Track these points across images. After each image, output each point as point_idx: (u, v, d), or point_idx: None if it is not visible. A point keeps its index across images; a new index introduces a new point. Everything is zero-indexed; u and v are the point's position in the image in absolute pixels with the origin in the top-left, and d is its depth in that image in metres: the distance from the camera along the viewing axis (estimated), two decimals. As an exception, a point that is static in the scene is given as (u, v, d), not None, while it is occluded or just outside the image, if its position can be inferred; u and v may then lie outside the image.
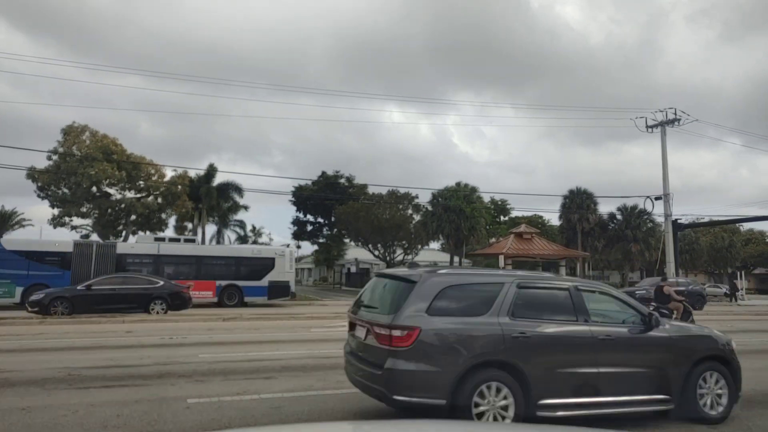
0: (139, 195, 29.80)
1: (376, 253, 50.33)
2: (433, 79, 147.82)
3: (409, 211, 48.23)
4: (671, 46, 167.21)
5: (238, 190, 41.89)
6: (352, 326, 6.28)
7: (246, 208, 50.59)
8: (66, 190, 27.52)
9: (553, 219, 62.40)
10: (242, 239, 66.63)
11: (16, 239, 27.10)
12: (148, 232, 34.00)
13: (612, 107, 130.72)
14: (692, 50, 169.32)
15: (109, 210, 28.22)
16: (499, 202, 66.06)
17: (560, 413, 5.44)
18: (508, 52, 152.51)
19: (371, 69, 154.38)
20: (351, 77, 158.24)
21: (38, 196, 27.80)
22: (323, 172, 56.79)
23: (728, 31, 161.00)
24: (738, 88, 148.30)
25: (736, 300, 42.56)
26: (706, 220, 49.88)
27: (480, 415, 5.17)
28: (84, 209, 27.90)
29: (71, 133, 27.49)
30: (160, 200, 30.32)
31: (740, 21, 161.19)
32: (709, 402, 6.23)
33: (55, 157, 27.39)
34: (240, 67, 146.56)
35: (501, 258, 40.47)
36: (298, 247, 72.82)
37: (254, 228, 68.23)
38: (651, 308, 9.52)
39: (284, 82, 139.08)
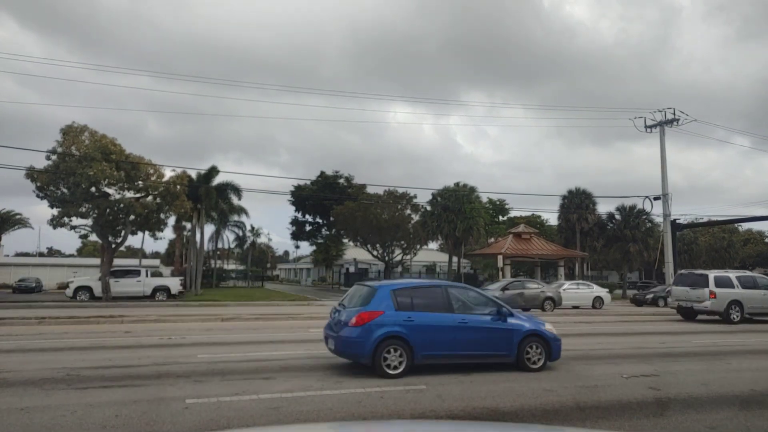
0: (137, 195, 29.72)
1: (375, 253, 50.33)
2: (445, 79, 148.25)
3: (408, 211, 48.24)
4: (685, 43, 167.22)
5: (237, 190, 41.84)
6: None
7: (246, 212, 50.60)
8: (65, 190, 27.45)
9: (552, 219, 62.48)
10: (241, 240, 66.68)
11: None
12: (147, 233, 33.99)
13: (622, 106, 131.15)
14: (708, 47, 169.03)
15: (108, 210, 28.14)
16: (498, 202, 66.11)
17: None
18: (520, 52, 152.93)
19: (385, 68, 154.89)
20: (364, 76, 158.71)
21: (37, 196, 27.70)
22: (322, 172, 56.86)
23: (747, 27, 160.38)
24: (753, 87, 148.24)
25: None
26: (705, 220, 49.97)
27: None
28: (83, 209, 27.82)
29: (70, 133, 27.43)
30: (158, 200, 30.22)
31: (762, 16, 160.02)
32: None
33: (54, 157, 27.35)
34: (253, 66, 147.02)
35: (499, 258, 40.51)
36: (297, 247, 72.96)
37: (253, 228, 68.32)
38: None
39: (298, 80, 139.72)
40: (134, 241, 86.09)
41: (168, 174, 30.79)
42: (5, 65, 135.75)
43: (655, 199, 37.12)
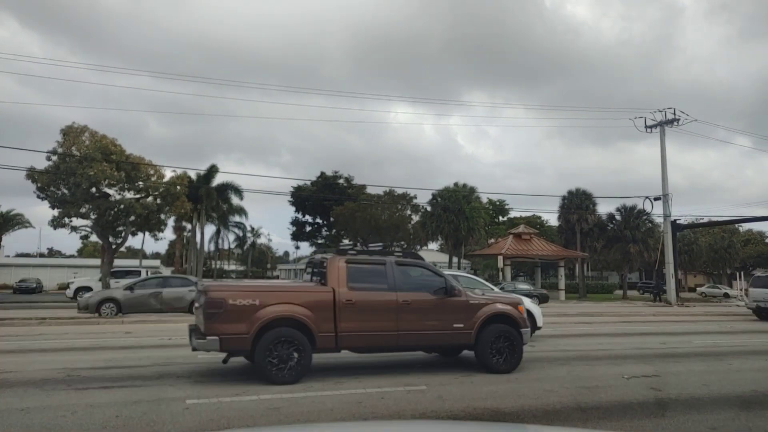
0: (138, 196, 29.70)
1: (375, 253, 50.32)
2: (447, 79, 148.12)
3: (408, 212, 48.26)
4: (687, 43, 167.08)
5: (237, 191, 41.89)
6: None
7: (245, 212, 50.69)
8: (65, 191, 27.43)
9: (552, 219, 62.46)
10: (241, 240, 66.71)
11: None
12: (147, 233, 33.98)
13: (623, 106, 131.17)
14: (710, 47, 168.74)
15: (108, 211, 28.12)
16: (498, 203, 66.10)
17: None
18: (521, 52, 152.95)
19: (386, 67, 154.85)
20: (365, 75, 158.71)
21: (38, 196, 27.70)
22: (322, 173, 56.93)
23: (750, 27, 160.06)
24: (755, 87, 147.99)
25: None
26: (706, 220, 49.93)
27: None
28: (83, 210, 27.80)
29: (70, 133, 27.42)
30: (159, 201, 30.20)
31: (765, 15, 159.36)
32: None
33: (54, 158, 27.33)
34: (254, 66, 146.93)
35: (500, 258, 40.51)
36: (297, 247, 72.95)
37: (253, 228, 68.39)
38: None
39: (298, 79, 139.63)
40: (134, 241, 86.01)
41: (168, 174, 30.80)
42: (6, 65, 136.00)
43: (656, 199, 37.07)
